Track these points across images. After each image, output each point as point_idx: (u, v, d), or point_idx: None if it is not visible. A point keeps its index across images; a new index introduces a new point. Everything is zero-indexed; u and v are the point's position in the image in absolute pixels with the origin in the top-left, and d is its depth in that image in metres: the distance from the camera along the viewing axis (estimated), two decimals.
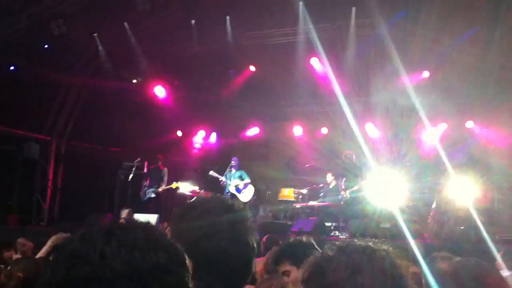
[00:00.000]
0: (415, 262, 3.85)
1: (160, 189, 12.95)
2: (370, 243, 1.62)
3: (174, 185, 13.00)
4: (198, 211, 1.82)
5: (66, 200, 14.59)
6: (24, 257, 4.84)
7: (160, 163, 13.36)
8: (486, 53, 12.28)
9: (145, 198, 13.06)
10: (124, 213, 11.55)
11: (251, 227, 1.86)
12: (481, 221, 9.13)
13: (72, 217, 12.25)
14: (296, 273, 2.94)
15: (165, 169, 13.33)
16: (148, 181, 13.20)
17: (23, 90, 12.28)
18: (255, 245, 1.82)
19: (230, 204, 1.88)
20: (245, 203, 12.82)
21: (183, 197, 13.39)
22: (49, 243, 5.51)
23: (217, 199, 1.94)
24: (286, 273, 3.21)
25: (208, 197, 2.14)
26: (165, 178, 13.18)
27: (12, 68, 12.92)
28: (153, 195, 13.01)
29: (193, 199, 2.37)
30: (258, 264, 3.79)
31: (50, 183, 14.69)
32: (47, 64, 12.78)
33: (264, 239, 5.98)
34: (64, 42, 12.29)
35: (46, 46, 12.62)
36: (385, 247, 1.61)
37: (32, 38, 12.16)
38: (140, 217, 9.87)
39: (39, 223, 13.95)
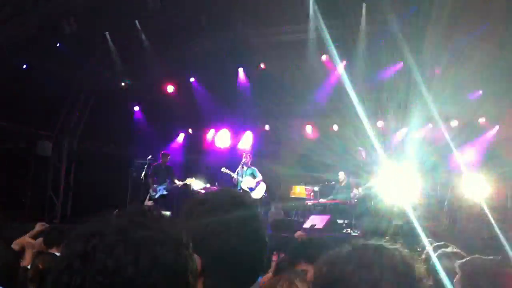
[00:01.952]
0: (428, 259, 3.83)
1: (177, 183, 13.04)
2: (385, 243, 1.61)
3: (188, 180, 13.09)
4: (207, 206, 1.73)
5: (78, 198, 14.67)
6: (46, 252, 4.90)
7: (166, 160, 13.44)
8: (500, 49, 12.17)
9: (157, 196, 13.13)
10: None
11: (262, 222, 1.78)
12: (493, 218, 9.07)
13: (85, 215, 12.27)
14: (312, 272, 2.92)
15: (171, 167, 13.49)
16: (155, 179, 13.26)
17: (35, 88, 12.34)
18: (266, 239, 1.75)
19: (240, 199, 1.79)
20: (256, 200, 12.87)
21: (196, 194, 13.40)
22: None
23: (226, 194, 1.83)
24: (303, 272, 3.20)
25: (217, 191, 2.01)
26: (173, 175, 13.30)
27: (24, 66, 13.00)
28: (165, 192, 13.07)
29: (202, 193, 2.30)
30: None
31: (62, 181, 14.79)
32: (58, 62, 12.83)
33: (276, 258, 5.70)
34: (76, 41, 12.36)
35: (58, 44, 12.69)
36: (398, 246, 1.59)
37: (44, 37, 12.23)
38: None
39: (52, 220, 14.02)
